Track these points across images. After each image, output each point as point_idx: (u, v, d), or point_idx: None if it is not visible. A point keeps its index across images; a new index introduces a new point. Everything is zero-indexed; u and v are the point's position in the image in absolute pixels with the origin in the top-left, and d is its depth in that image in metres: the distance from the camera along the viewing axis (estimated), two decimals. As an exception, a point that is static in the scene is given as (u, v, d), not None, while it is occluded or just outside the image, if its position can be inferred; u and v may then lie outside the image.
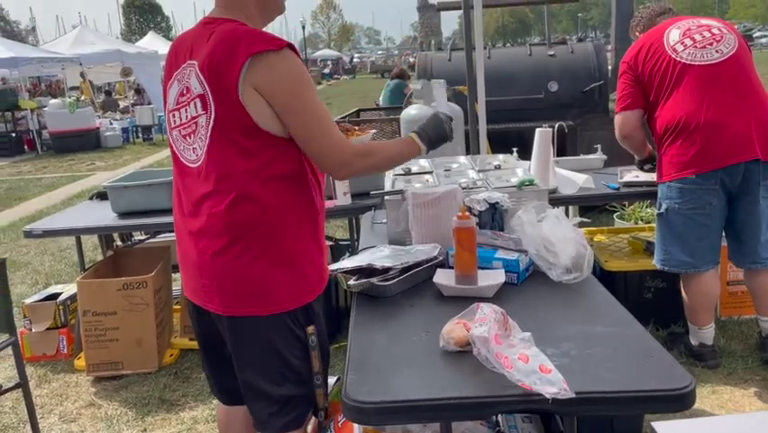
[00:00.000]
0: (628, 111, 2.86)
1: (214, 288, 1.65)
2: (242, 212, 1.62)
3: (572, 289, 1.96)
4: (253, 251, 1.63)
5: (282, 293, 1.67)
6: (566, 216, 2.15)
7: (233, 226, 1.62)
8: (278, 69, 1.56)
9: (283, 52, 1.57)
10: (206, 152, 1.61)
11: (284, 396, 1.70)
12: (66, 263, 5.58)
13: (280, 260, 1.67)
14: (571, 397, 1.32)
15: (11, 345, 2.21)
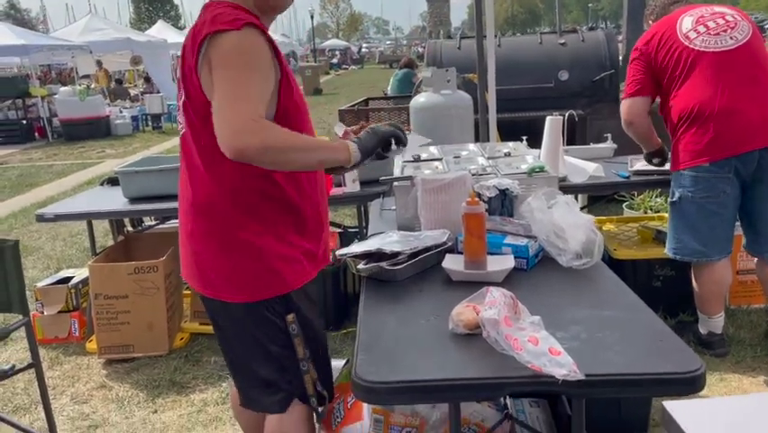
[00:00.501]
0: (636, 97, 2.84)
1: (192, 267, 1.72)
2: (201, 195, 1.66)
3: (582, 274, 1.96)
4: (213, 237, 1.66)
5: (245, 284, 1.66)
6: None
7: (196, 209, 1.67)
8: (225, 44, 1.53)
9: (241, 31, 1.53)
10: (183, 133, 1.68)
11: (265, 379, 1.72)
12: (77, 249, 5.63)
13: (240, 250, 1.64)
14: (580, 379, 1.33)
15: (24, 325, 2.24)
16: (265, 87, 1.56)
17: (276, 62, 1.61)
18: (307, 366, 1.73)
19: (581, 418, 1.61)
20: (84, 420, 2.81)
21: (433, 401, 1.65)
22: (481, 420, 1.79)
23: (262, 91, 1.55)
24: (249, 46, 1.54)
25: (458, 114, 3.81)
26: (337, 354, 3.07)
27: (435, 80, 3.85)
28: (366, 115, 5.97)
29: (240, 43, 1.53)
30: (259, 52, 1.56)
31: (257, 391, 1.75)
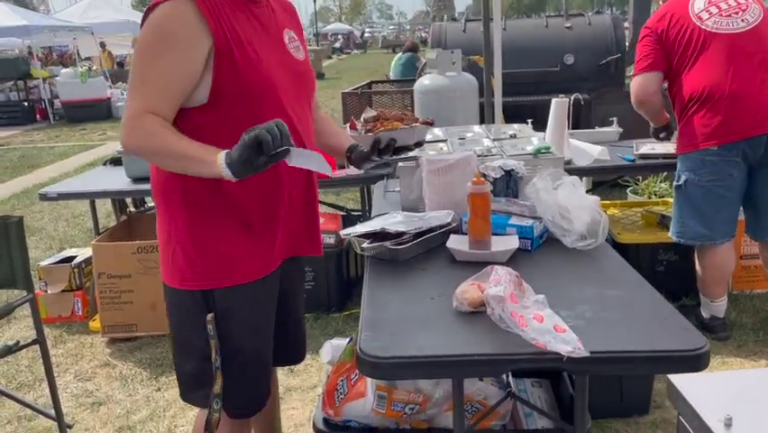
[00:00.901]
0: (648, 72, 2.78)
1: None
2: (153, 177, 1.63)
3: (586, 255, 1.96)
4: (160, 218, 1.64)
5: (177, 269, 1.61)
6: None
7: (153, 190, 1.65)
8: (145, 24, 1.48)
9: (167, 5, 1.44)
10: None
11: (190, 372, 1.66)
12: (79, 229, 5.63)
13: (176, 235, 1.59)
14: (585, 356, 1.33)
15: (29, 301, 2.24)
16: (177, 73, 1.43)
17: (211, 38, 1.44)
18: (216, 376, 1.60)
19: (584, 396, 1.62)
20: (87, 397, 2.83)
21: (437, 377, 1.65)
22: (484, 398, 1.80)
23: (169, 79, 1.43)
24: (164, 25, 1.43)
25: (463, 96, 3.79)
26: (340, 335, 3.07)
27: (440, 62, 3.83)
28: (369, 99, 5.94)
29: (157, 22, 1.44)
30: (175, 32, 1.43)
31: (185, 384, 1.69)
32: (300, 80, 1.66)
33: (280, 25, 1.65)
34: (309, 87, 1.73)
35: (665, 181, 4.29)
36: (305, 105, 1.69)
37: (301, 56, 1.67)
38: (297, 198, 1.69)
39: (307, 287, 3.30)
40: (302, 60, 1.68)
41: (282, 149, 1.36)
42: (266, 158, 1.35)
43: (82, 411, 2.73)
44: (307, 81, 1.71)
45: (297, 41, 1.68)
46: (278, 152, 1.36)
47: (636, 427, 2.34)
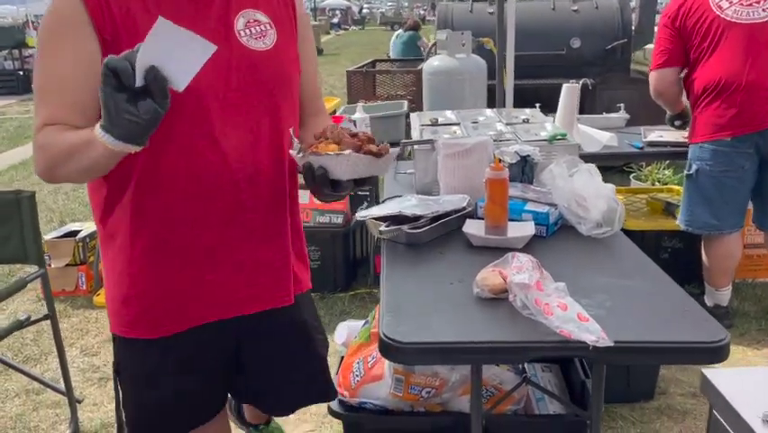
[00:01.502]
0: (665, 68, 2.81)
1: None
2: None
3: (602, 243, 1.97)
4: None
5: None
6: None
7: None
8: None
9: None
10: None
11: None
12: (79, 202, 5.60)
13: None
14: (609, 345, 1.35)
15: (40, 276, 2.24)
16: (67, 73, 1.17)
17: (94, 31, 1.16)
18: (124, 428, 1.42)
19: (602, 384, 1.63)
20: (95, 372, 2.84)
21: (461, 363, 1.67)
22: (499, 383, 1.82)
23: (60, 80, 1.17)
24: (50, 19, 1.20)
25: (472, 78, 3.77)
26: (346, 315, 3.09)
27: (450, 44, 3.80)
28: (373, 78, 5.90)
29: (45, 17, 1.21)
30: (58, 26, 1.18)
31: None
32: (252, 77, 1.27)
33: (235, 5, 1.29)
34: (269, 85, 1.30)
35: (668, 168, 4.31)
36: (261, 113, 1.29)
37: (262, 45, 1.29)
38: (256, 227, 1.33)
39: (313, 267, 3.31)
40: (262, 50, 1.28)
41: (153, 75, 0.98)
42: (131, 93, 0.98)
43: (89, 386, 2.74)
44: (267, 78, 1.29)
45: (263, 25, 1.31)
46: (150, 83, 0.99)
47: (642, 412, 2.37)
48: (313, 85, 1.48)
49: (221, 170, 1.26)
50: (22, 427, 2.48)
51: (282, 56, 1.33)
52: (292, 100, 1.38)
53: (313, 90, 1.48)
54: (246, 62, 1.27)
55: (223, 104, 1.24)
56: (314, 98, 1.49)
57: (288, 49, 1.35)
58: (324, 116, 1.53)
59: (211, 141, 1.24)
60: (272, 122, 1.31)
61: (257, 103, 1.29)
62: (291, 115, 1.37)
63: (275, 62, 1.31)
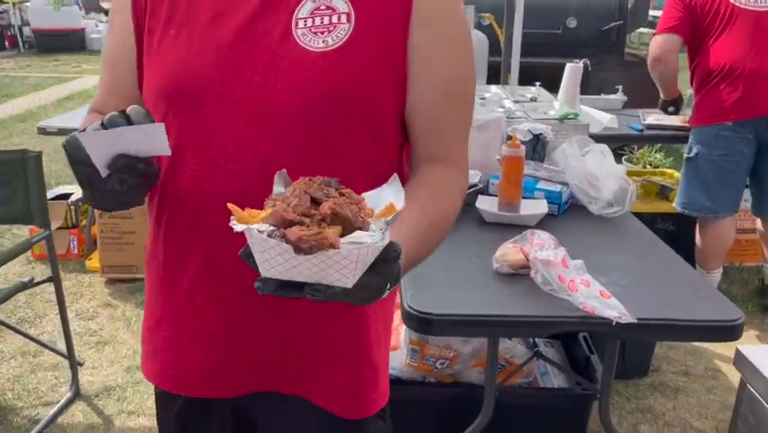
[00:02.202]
0: (669, 34, 2.77)
1: None
2: None
3: (612, 223, 2.01)
4: None
5: None
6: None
7: None
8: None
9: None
10: None
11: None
12: (63, 163, 5.48)
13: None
14: (632, 322, 1.39)
15: (45, 238, 2.21)
16: (116, 55, 0.98)
17: (130, 14, 0.95)
18: None
19: (614, 359, 1.69)
20: (92, 336, 2.83)
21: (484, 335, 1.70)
22: (511, 357, 1.86)
23: (113, 61, 0.99)
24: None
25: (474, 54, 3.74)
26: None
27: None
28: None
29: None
30: (112, 7, 1.01)
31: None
32: (298, 88, 0.86)
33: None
34: (313, 101, 0.86)
35: (660, 152, 4.37)
36: (292, 133, 0.87)
37: (321, 43, 0.87)
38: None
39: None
40: (318, 51, 0.87)
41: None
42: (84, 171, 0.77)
43: (87, 350, 2.73)
44: (313, 90, 0.86)
45: (336, 16, 0.88)
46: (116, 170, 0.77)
47: (636, 388, 2.45)
48: (432, 115, 0.92)
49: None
50: (21, 388, 2.46)
51: (351, 62, 0.86)
52: (361, 129, 0.89)
53: (431, 124, 0.92)
54: (288, 65, 0.86)
55: (243, 119, 0.88)
56: (431, 136, 0.93)
57: (366, 54, 0.87)
58: (448, 169, 0.93)
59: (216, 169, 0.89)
60: (319, 152, 0.87)
61: (290, 122, 0.86)
62: (362, 149, 0.90)
63: (332, 70, 0.86)
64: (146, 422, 2.29)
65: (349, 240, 0.63)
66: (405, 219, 0.76)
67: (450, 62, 0.92)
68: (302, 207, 0.65)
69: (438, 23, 0.90)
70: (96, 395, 2.43)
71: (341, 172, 0.74)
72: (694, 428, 2.26)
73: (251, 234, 0.63)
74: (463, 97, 0.96)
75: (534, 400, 1.80)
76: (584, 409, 1.85)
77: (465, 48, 0.94)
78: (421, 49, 0.89)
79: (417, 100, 0.91)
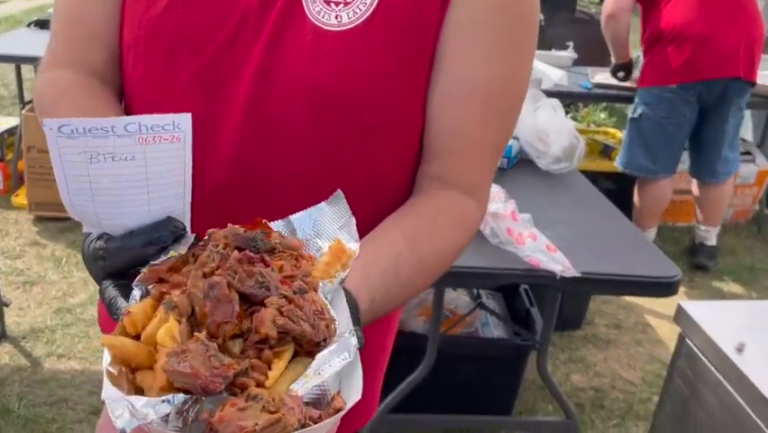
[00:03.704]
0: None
1: None
2: None
3: (559, 179, 2.03)
4: None
5: None
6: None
7: None
8: None
9: None
10: None
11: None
12: (-12, 94, 5.15)
13: None
14: (576, 276, 1.41)
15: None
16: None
17: None
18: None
19: (554, 312, 1.72)
20: (18, 276, 2.69)
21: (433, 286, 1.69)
22: (455, 307, 1.87)
23: (76, 6, 0.76)
24: None
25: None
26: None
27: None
28: None
29: None
30: None
31: None
32: (310, 73, 0.67)
33: None
34: (320, 92, 0.68)
35: (604, 111, 4.43)
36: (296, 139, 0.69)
37: (335, 20, 0.67)
38: None
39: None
40: (331, 30, 0.67)
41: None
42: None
43: (14, 290, 2.60)
44: (321, 78, 0.67)
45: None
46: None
47: (570, 340, 2.53)
48: (456, 126, 0.71)
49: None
50: None
51: (368, 46, 0.66)
52: (373, 130, 0.70)
53: (453, 137, 0.71)
54: (299, 49, 0.67)
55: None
56: (449, 152, 0.72)
57: (386, 38, 0.66)
58: (461, 197, 0.72)
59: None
60: (322, 154, 0.69)
61: (294, 117, 0.68)
62: (375, 165, 0.71)
63: (344, 53, 0.66)
64: (76, 365, 2.22)
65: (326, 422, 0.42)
66: (383, 254, 0.62)
67: (492, 60, 0.68)
68: (230, 326, 0.44)
69: (483, 5, 0.67)
70: (24, 337, 2.33)
71: (345, 188, 0.63)
72: (623, 379, 2.36)
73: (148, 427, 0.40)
74: (503, 110, 0.72)
75: (475, 350, 1.83)
76: (522, 359, 1.90)
77: (520, 44, 0.70)
78: (456, 37, 0.67)
79: (439, 104, 0.69)
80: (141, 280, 0.51)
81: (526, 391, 2.18)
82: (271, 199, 0.69)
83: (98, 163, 0.45)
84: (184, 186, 0.51)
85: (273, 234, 0.54)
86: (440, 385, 1.85)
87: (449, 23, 0.66)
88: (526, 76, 0.73)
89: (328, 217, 0.59)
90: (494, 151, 0.75)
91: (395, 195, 0.68)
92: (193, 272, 0.48)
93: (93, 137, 0.43)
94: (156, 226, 0.52)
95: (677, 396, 1.05)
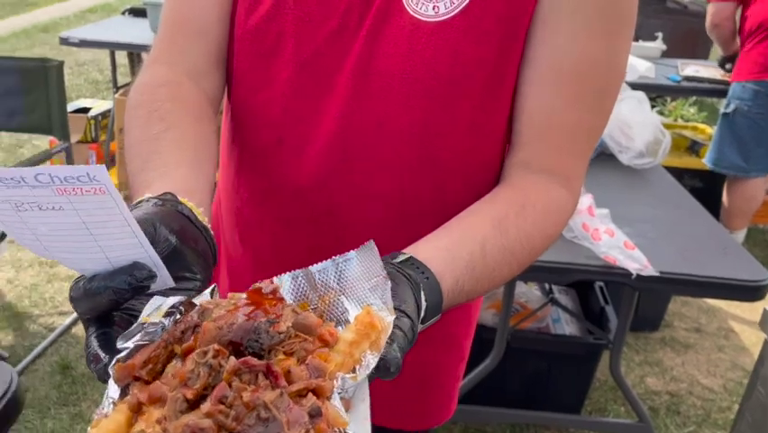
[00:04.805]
0: (721, 2, 2.73)
1: None
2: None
3: (641, 175, 1.96)
4: None
5: None
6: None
7: None
8: None
9: None
10: None
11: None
12: (84, 79, 5.46)
13: None
14: (653, 275, 1.36)
15: (64, 150, 2.20)
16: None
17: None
18: None
19: (630, 311, 1.67)
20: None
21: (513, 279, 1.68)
22: (525, 301, 1.85)
23: (183, 6, 0.76)
24: None
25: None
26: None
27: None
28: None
29: None
30: None
31: None
32: (407, 61, 0.68)
33: None
34: (420, 82, 0.68)
35: (693, 106, 4.23)
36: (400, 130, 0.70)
37: (432, 11, 0.67)
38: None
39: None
40: (429, 21, 0.67)
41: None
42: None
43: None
44: (421, 69, 0.67)
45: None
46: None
47: (646, 342, 2.44)
48: (544, 109, 0.69)
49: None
50: (38, 297, 2.51)
51: (464, 36, 0.66)
52: (467, 117, 0.69)
53: (541, 120, 0.69)
54: (397, 41, 0.68)
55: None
56: (538, 136, 0.70)
57: (481, 26, 0.66)
58: (551, 183, 0.70)
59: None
60: (417, 141, 0.70)
61: (391, 107, 0.69)
62: (461, 143, 0.71)
63: (440, 44, 0.66)
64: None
65: None
66: (469, 237, 0.62)
67: (588, 43, 0.66)
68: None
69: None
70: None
71: (440, 173, 0.68)
72: (701, 385, 2.26)
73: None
74: (598, 95, 0.69)
75: (545, 346, 1.80)
76: (594, 358, 1.85)
77: (618, 27, 0.67)
78: (550, 19, 0.65)
79: (528, 87, 0.68)
80: (116, 379, 0.43)
81: (597, 391, 2.12)
82: (368, 186, 0.71)
83: (27, 212, 0.41)
84: (136, 236, 0.43)
85: (283, 315, 0.44)
86: (508, 379, 1.84)
87: (543, 4, 0.65)
88: (623, 61, 0.70)
89: (357, 272, 0.49)
90: (587, 137, 0.72)
91: (490, 179, 0.69)
92: (171, 397, 0.39)
93: (6, 187, 0.39)
94: (113, 274, 0.46)
95: (759, 405, 1.00)
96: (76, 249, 0.43)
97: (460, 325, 0.85)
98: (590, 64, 0.67)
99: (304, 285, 0.49)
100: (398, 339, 0.46)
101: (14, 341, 2.26)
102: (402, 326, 0.47)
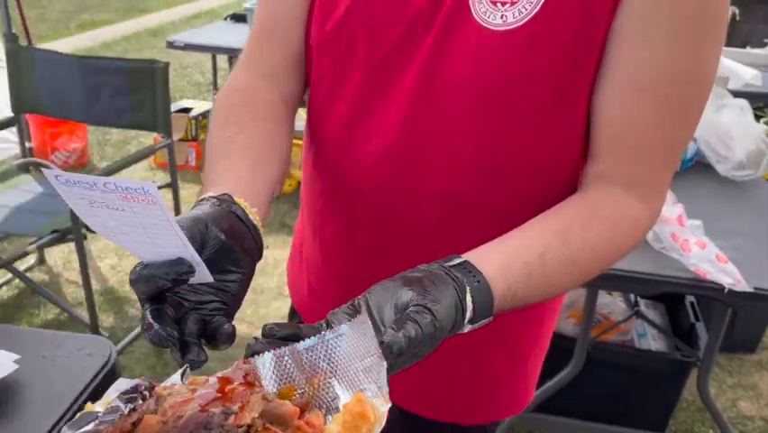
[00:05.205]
0: None
1: None
2: None
3: (740, 187, 1.86)
4: None
5: None
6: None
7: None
8: None
9: None
10: None
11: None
12: (187, 81, 5.76)
13: None
14: (747, 291, 1.29)
15: (167, 146, 2.34)
16: (273, 8, 0.80)
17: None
18: None
19: (722, 328, 1.59)
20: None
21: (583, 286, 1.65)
22: (608, 312, 1.80)
23: (266, 15, 0.81)
24: None
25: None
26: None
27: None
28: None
29: None
30: None
31: None
32: (479, 76, 0.67)
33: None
34: (485, 93, 0.68)
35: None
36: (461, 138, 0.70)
37: (500, 20, 0.66)
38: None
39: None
40: (497, 30, 0.66)
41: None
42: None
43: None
44: (484, 80, 0.67)
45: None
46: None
47: (740, 363, 2.31)
48: (625, 121, 0.66)
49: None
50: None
51: (532, 46, 0.65)
52: (535, 127, 0.68)
53: (620, 131, 0.67)
54: (463, 48, 0.67)
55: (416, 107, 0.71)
56: (616, 149, 0.68)
57: (551, 36, 0.64)
58: (627, 195, 0.68)
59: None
60: (483, 151, 0.70)
61: (456, 114, 0.69)
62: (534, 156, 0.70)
63: (506, 53, 0.66)
64: (245, 328, 2.43)
65: None
66: (529, 245, 0.63)
67: (672, 52, 0.63)
68: None
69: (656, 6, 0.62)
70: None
71: (503, 181, 0.70)
72: (800, 414, 2.11)
73: None
74: (682, 106, 0.67)
75: (628, 360, 1.74)
76: (682, 376, 1.77)
77: (704, 35, 0.64)
78: (631, 27, 0.63)
79: (608, 98, 0.66)
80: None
81: (684, 412, 2.03)
82: (426, 187, 0.73)
83: (98, 209, 0.48)
84: (180, 239, 0.50)
85: (249, 403, 0.39)
86: (587, 391, 1.79)
87: (623, 12, 0.63)
88: (712, 68, 0.67)
89: (349, 349, 0.44)
90: (669, 150, 0.70)
91: (551, 182, 0.69)
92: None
93: (82, 188, 0.47)
94: (161, 266, 0.52)
95: None
96: (135, 241, 0.51)
97: (519, 325, 0.85)
98: (673, 75, 0.64)
99: (289, 365, 0.44)
100: (408, 329, 0.48)
101: (114, 323, 2.43)
102: (420, 320, 0.50)
